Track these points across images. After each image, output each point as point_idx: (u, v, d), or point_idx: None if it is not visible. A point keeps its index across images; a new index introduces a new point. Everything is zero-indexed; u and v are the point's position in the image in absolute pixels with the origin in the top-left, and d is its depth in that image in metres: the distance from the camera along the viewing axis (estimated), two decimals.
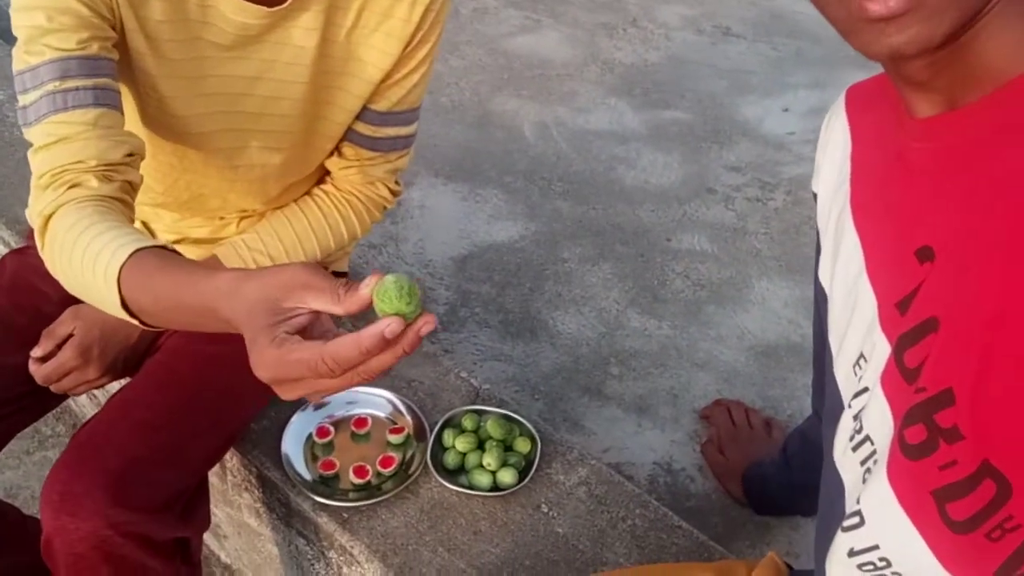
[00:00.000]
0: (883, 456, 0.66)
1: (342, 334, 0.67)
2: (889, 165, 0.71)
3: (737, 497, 1.41)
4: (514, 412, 1.31)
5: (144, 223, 1.25)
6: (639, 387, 1.62)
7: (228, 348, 0.87)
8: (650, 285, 1.84)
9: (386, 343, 0.64)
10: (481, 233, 1.95)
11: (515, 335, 1.70)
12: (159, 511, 1.04)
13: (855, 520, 0.67)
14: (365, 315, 0.65)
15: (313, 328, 0.69)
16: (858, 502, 0.67)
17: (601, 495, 1.25)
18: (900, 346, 0.66)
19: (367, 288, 0.65)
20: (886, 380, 0.67)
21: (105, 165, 0.91)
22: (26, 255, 1.26)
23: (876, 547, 0.65)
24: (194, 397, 1.13)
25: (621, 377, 1.63)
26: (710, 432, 1.52)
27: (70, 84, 0.91)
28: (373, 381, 0.73)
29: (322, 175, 1.26)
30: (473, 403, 1.35)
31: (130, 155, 0.95)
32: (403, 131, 1.19)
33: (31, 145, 0.94)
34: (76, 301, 1.10)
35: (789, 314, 1.79)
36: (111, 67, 0.95)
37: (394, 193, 1.27)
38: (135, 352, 1.18)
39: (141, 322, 0.85)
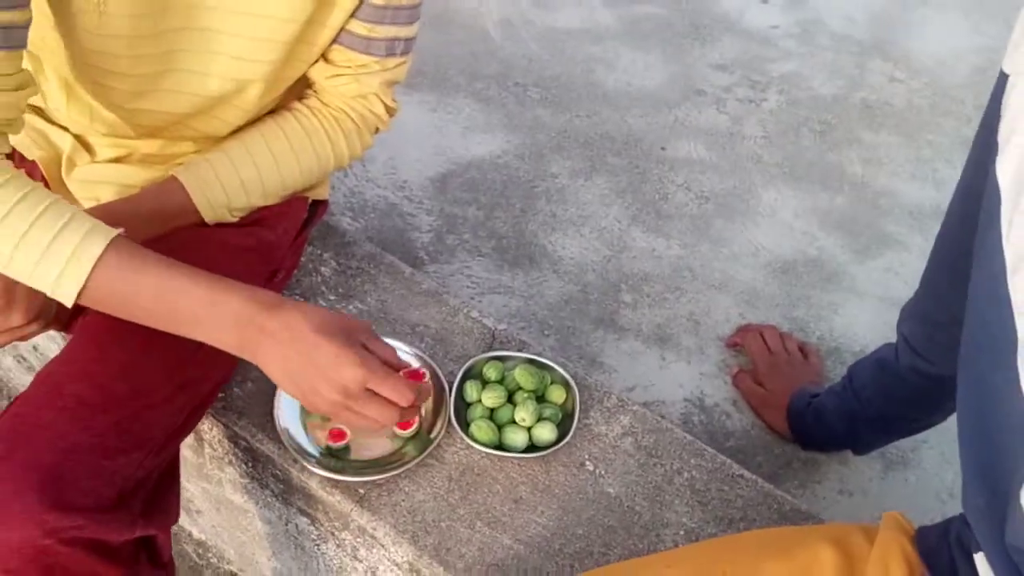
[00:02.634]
0: None
1: None
2: None
3: (780, 431, 1.28)
4: (538, 355, 1.14)
5: (79, 138, 1.01)
6: (656, 315, 1.46)
7: None
8: (651, 199, 1.67)
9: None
10: (458, 148, 1.73)
11: (512, 263, 1.51)
12: (110, 509, 0.82)
13: None
14: None
15: None
16: None
17: (650, 446, 1.09)
18: None
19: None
20: None
21: (5, 119, 0.79)
22: None
23: None
24: (144, 358, 0.89)
25: (635, 305, 1.47)
26: (741, 360, 1.38)
27: None
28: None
29: (304, 87, 1.04)
30: (491, 347, 1.16)
31: (27, 103, 0.84)
32: (403, 32, 0.97)
33: None
34: None
35: (802, 225, 1.65)
36: None
37: (389, 111, 1.06)
38: None
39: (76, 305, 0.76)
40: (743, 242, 1.60)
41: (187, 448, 1.20)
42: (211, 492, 1.26)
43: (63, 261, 0.74)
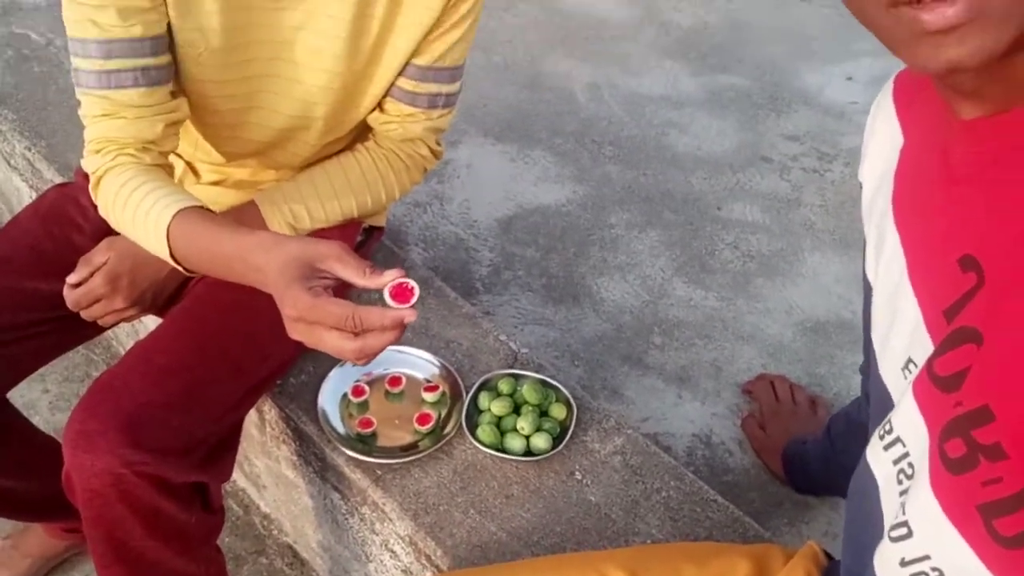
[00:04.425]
0: (921, 465, 0.64)
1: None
2: (933, 165, 0.68)
3: (777, 474, 1.39)
4: (552, 378, 1.30)
5: (189, 164, 1.26)
6: (681, 358, 1.59)
7: (251, 298, 0.91)
8: (698, 254, 1.80)
9: (396, 327, 0.82)
10: (528, 195, 1.92)
11: (557, 300, 1.68)
12: (174, 454, 1.04)
13: (903, 531, 0.64)
14: None
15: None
16: (904, 512, 0.64)
17: (636, 465, 1.23)
18: (934, 352, 0.63)
19: (388, 276, 0.82)
20: (917, 386, 0.65)
21: (143, 142, 1.03)
22: (69, 188, 1.30)
23: (927, 557, 0.63)
24: (213, 344, 1.12)
25: (663, 347, 1.61)
26: (752, 406, 1.49)
27: (113, 65, 0.99)
28: (366, 361, 0.85)
29: (365, 132, 1.25)
30: (511, 367, 1.34)
31: (168, 126, 1.05)
32: (444, 88, 1.17)
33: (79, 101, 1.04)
34: (110, 233, 1.12)
35: (840, 290, 1.74)
36: (155, 44, 1.01)
37: (435, 154, 1.25)
38: (163, 289, 1.19)
39: (185, 269, 1.00)
40: (779, 300, 1.71)
41: (254, 427, 1.43)
42: (272, 468, 1.48)
43: (154, 224, 0.98)
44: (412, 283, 0.83)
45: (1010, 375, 0.56)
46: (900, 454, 0.69)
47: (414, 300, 0.83)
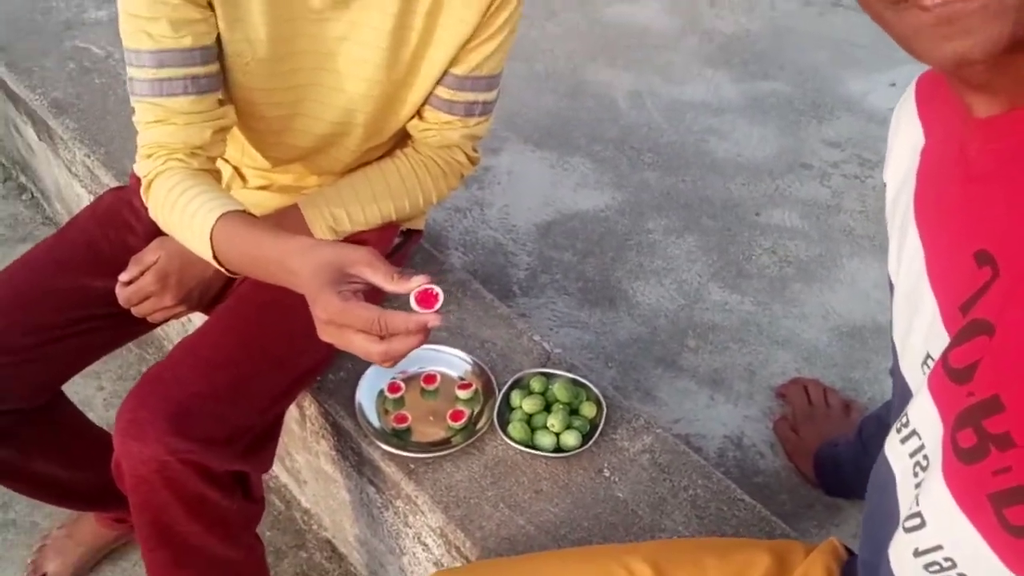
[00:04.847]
0: (935, 456, 0.65)
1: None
2: (951, 163, 0.69)
3: (808, 476, 1.39)
4: (584, 377, 1.32)
5: (236, 169, 1.32)
6: (715, 361, 1.60)
7: (292, 298, 0.94)
8: (735, 259, 1.81)
9: (420, 331, 0.85)
10: (567, 200, 1.95)
11: (593, 303, 1.71)
12: (218, 444, 1.09)
13: (916, 521, 0.66)
14: None
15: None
16: (918, 503, 0.66)
17: (664, 463, 1.25)
18: (949, 345, 0.64)
19: (414, 282, 0.87)
20: (932, 378, 0.66)
21: (192, 147, 1.09)
22: (124, 192, 1.36)
23: (940, 547, 0.64)
24: (255, 340, 1.18)
25: (697, 350, 1.62)
26: (785, 409, 1.50)
27: (164, 74, 1.05)
28: (392, 364, 0.88)
29: (405, 139, 1.29)
30: (544, 366, 1.36)
31: (216, 132, 1.10)
32: (481, 96, 1.21)
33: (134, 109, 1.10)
34: (161, 235, 1.19)
35: (879, 295, 1.74)
36: (205, 54, 1.06)
37: (472, 160, 1.29)
38: (209, 288, 1.25)
39: (226, 269, 1.05)
40: (815, 305, 1.71)
41: (294, 423, 1.48)
42: (312, 463, 1.53)
43: (199, 227, 1.03)
44: (437, 289, 0.87)
45: (1020, 364, 0.57)
46: (916, 447, 0.70)
47: (438, 305, 0.87)
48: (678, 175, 2.03)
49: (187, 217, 1.05)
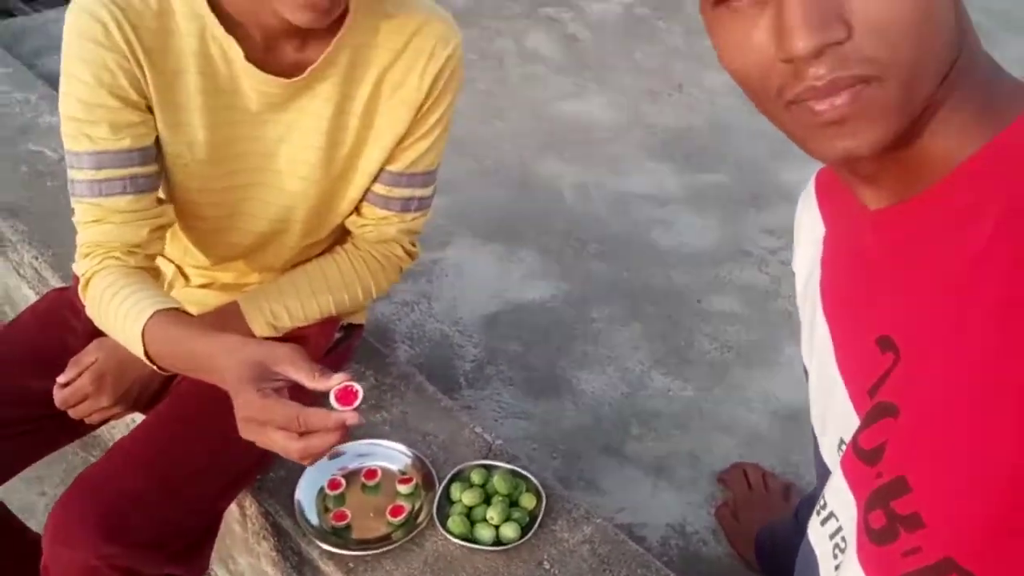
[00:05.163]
0: (851, 537, 0.68)
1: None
2: (850, 252, 0.74)
3: (749, 561, 1.40)
4: (524, 468, 1.33)
5: (179, 267, 1.34)
6: (659, 448, 1.62)
7: (231, 396, 0.95)
8: (677, 346, 1.85)
9: (338, 429, 0.90)
10: (514, 292, 1.99)
11: (538, 393, 1.73)
12: (149, 547, 1.09)
13: None
14: None
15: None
16: None
17: (604, 554, 1.25)
18: (859, 428, 0.67)
19: (335, 380, 0.92)
20: (845, 461, 0.69)
21: (129, 246, 1.12)
22: (65, 292, 1.38)
23: None
24: (193, 438, 1.18)
25: (641, 438, 1.64)
26: (726, 495, 1.51)
27: (103, 175, 1.08)
28: (311, 461, 0.93)
29: (344, 235, 1.33)
30: (485, 458, 1.37)
31: (153, 230, 1.13)
32: (417, 192, 1.25)
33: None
34: (102, 335, 1.20)
35: None
36: (143, 155, 1.10)
37: (410, 254, 1.33)
38: (147, 387, 1.26)
39: (159, 367, 1.07)
40: (756, 389, 1.75)
41: (236, 523, 1.46)
42: (255, 566, 1.51)
43: (131, 326, 1.05)
44: (357, 386, 0.91)
45: (922, 444, 0.60)
46: (835, 528, 0.72)
47: (357, 402, 0.90)
48: (623, 265, 2.09)
49: (120, 316, 1.07)
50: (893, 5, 0.55)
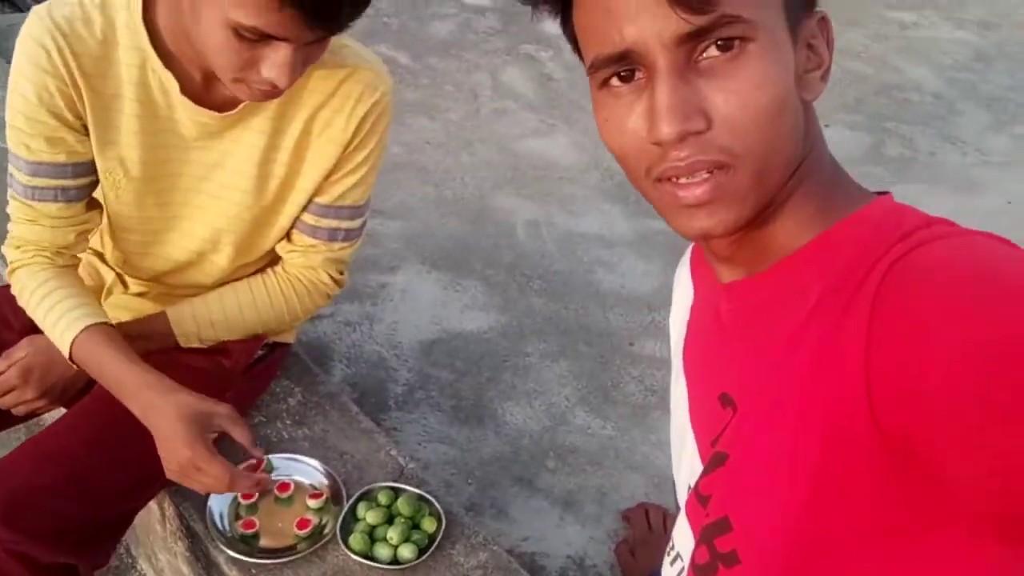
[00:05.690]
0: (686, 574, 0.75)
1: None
2: (709, 319, 0.82)
3: None
4: (432, 492, 1.40)
5: (119, 275, 1.41)
6: (570, 482, 1.69)
7: None
8: (603, 385, 1.93)
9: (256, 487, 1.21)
10: (453, 321, 2.07)
11: (463, 420, 1.80)
12: (47, 536, 1.15)
13: None
14: None
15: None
16: None
17: None
18: (700, 474, 0.76)
19: (258, 453, 1.23)
20: (687, 504, 0.77)
21: (57, 247, 1.23)
22: (3, 289, 1.43)
23: None
24: (104, 435, 1.24)
25: (555, 471, 1.71)
26: (627, 533, 1.58)
27: (37, 182, 1.18)
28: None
29: (276, 258, 1.40)
30: (396, 480, 1.44)
31: (80, 234, 1.23)
32: (344, 224, 1.32)
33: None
34: (37, 331, 1.26)
35: None
36: (77, 169, 1.19)
37: (337, 282, 1.40)
38: (73, 385, 1.32)
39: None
40: None
41: (156, 522, 1.52)
42: (172, 564, 1.56)
43: (60, 332, 1.16)
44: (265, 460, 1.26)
45: (743, 488, 0.68)
46: (680, 568, 0.80)
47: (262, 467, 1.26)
48: (562, 302, 2.17)
49: (51, 320, 1.17)
50: (747, 105, 0.63)
